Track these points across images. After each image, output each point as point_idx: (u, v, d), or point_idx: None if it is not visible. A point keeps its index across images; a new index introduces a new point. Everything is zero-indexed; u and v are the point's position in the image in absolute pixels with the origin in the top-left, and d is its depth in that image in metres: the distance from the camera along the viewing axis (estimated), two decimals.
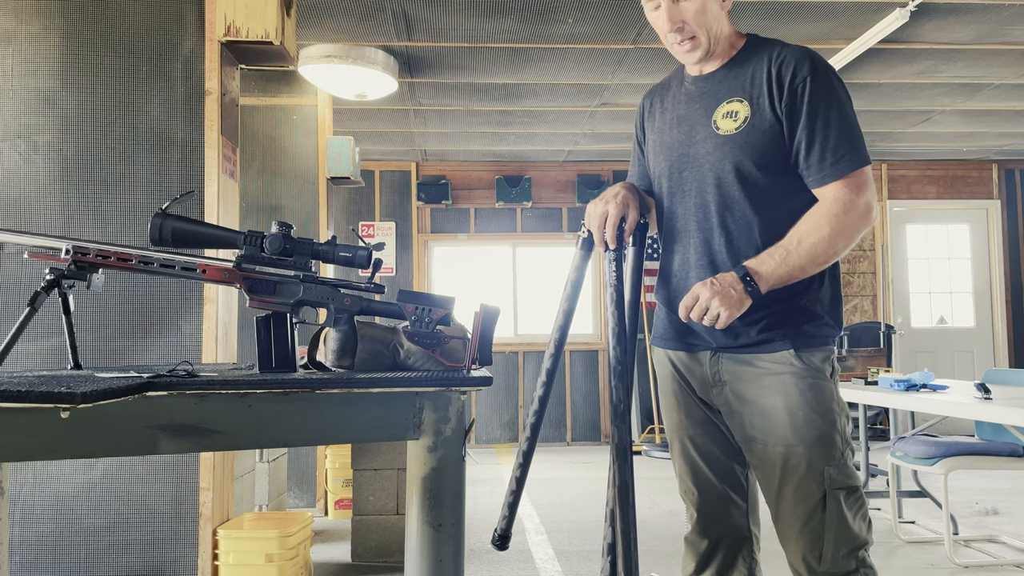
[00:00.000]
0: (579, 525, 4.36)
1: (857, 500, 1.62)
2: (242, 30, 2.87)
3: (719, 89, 1.72)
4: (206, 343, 2.84)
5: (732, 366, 1.70)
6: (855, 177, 1.61)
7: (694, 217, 1.72)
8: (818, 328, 1.66)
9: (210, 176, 2.88)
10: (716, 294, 1.55)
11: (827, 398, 1.63)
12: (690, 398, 1.80)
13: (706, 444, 1.78)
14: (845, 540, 1.60)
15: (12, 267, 2.81)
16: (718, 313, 1.55)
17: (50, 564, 2.75)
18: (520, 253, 7.85)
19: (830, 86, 1.63)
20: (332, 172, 4.86)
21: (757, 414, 1.66)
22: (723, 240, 1.68)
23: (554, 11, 4.10)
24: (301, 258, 1.56)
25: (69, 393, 1.14)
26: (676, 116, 1.78)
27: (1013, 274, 7.82)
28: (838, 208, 1.59)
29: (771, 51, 1.68)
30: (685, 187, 1.74)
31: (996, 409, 2.95)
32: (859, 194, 1.60)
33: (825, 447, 1.60)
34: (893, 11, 4.06)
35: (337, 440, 1.54)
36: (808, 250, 1.58)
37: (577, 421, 7.56)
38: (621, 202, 1.67)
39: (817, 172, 1.62)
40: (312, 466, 4.82)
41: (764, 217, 1.65)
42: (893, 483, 4.09)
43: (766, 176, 1.65)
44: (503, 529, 1.65)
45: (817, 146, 1.61)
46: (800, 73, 1.62)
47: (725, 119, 1.68)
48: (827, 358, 1.67)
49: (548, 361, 1.68)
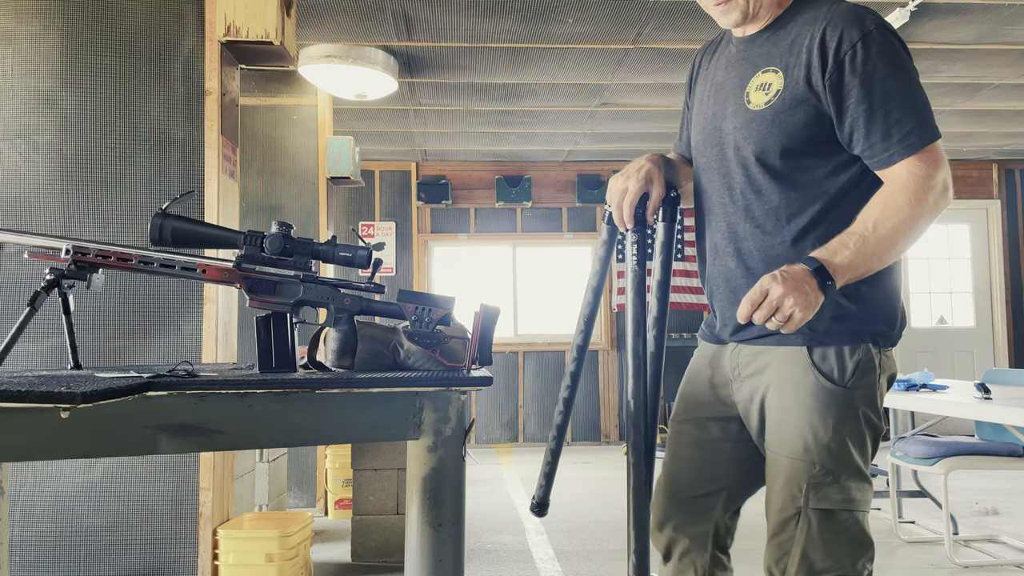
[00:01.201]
0: (579, 525, 4.36)
1: (843, 525, 1.44)
2: (242, 30, 2.87)
3: (758, 56, 1.53)
4: (206, 343, 2.84)
5: (749, 359, 1.54)
6: (929, 152, 1.40)
7: (719, 200, 1.57)
8: (844, 322, 1.45)
9: (210, 176, 2.88)
10: (791, 291, 1.33)
11: (832, 409, 1.44)
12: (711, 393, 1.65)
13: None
14: (812, 564, 1.43)
15: (12, 267, 2.81)
16: (791, 313, 1.33)
17: (50, 564, 2.75)
18: (520, 253, 7.85)
19: (888, 50, 1.41)
20: (332, 172, 4.86)
21: (755, 412, 1.54)
22: (748, 226, 1.52)
23: (554, 11, 4.10)
24: (301, 258, 1.56)
25: (69, 393, 1.14)
26: (715, 83, 1.62)
27: (1013, 274, 7.82)
28: (916, 186, 1.38)
29: (817, 12, 1.46)
30: (713, 165, 1.58)
31: (996, 409, 2.95)
32: (937, 169, 1.39)
33: (807, 462, 1.43)
34: (893, 11, 4.06)
35: (337, 440, 1.55)
36: (887, 236, 1.37)
37: (577, 421, 7.56)
38: (643, 177, 1.53)
39: (883, 151, 1.40)
40: (312, 466, 4.82)
41: (794, 203, 1.48)
42: (893, 483, 4.09)
43: (796, 159, 1.47)
44: (540, 497, 1.67)
45: (879, 121, 1.39)
46: (848, 39, 1.40)
47: (758, 92, 1.50)
48: (851, 360, 1.45)
49: (572, 364, 1.63)
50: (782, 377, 1.49)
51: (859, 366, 1.46)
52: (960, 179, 7.84)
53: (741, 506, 1.68)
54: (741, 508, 1.68)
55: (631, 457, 1.52)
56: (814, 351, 1.46)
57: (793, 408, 1.46)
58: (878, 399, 1.50)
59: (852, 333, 1.46)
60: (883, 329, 1.49)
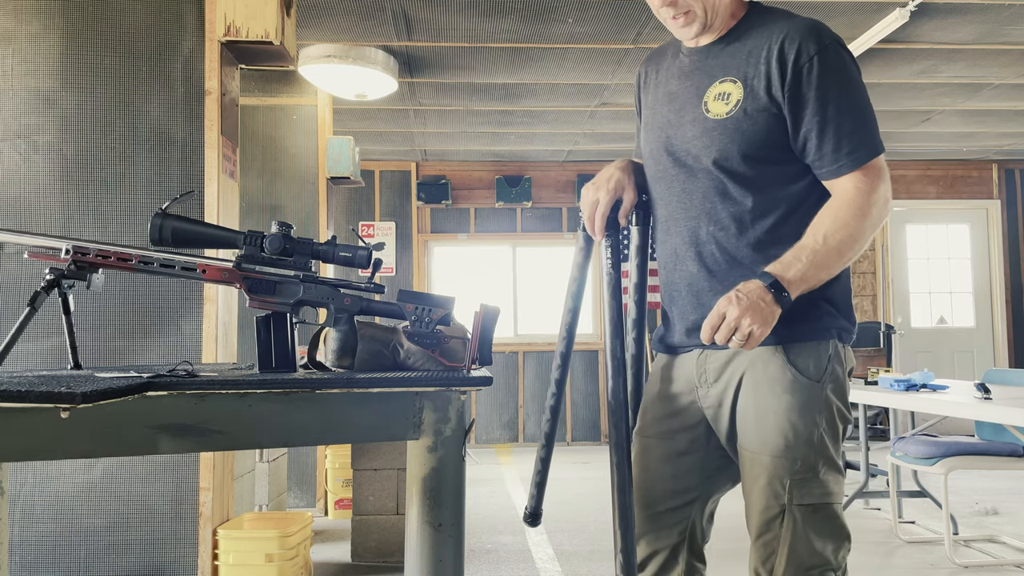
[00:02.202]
0: (579, 525, 4.36)
1: (826, 519, 1.47)
2: (242, 30, 2.87)
3: (714, 66, 1.56)
4: (206, 343, 2.84)
5: (719, 365, 1.56)
6: (873, 166, 1.47)
7: (680, 205, 1.58)
8: (814, 322, 1.50)
9: (210, 176, 2.88)
10: (746, 311, 1.38)
11: (809, 404, 1.47)
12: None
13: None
14: (801, 560, 1.46)
15: (12, 267, 2.81)
16: (750, 332, 1.39)
17: (50, 564, 2.75)
18: (520, 253, 7.85)
19: (841, 66, 1.47)
20: (332, 172, 4.86)
21: (724, 416, 1.55)
22: (713, 229, 1.54)
23: (554, 11, 4.10)
24: (301, 258, 1.55)
25: (69, 393, 1.14)
26: (668, 92, 1.63)
27: (1013, 274, 7.82)
28: (861, 200, 1.45)
29: (773, 25, 1.51)
30: (671, 172, 1.59)
31: (996, 409, 2.95)
32: (879, 183, 1.47)
33: (789, 459, 1.46)
34: (893, 11, 4.06)
35: (337, 440, 1.54)
36: (836, 248, 1.44)
37: (577, 421, 7.56)
38: (613, 188, 1.58)
39: (832, 163, 1.47)
40: (312, 466, 4.82)
41: (756, 209, 1.51)
42: (893, 483, 4.09)
43: (758, 165, 1.51)
44: (533, 507, 1.67)
45: (831, 134, 1.46)
46: (806, 52, 1.45)
47: (716, 101, 1.53)
48: (823, 357, 1.50)
49: (556, 372, 1.65)
50: (757, 377, 1.50)
51: (830, 360, 1.50)
52: (960, 179, 7.85)
53: (715, 508, 1.68)
54: (715, 510, 1.68)
55: (614, 457, 1.54)
56: (789, 349, 1.49)
57: (772, 406, 1.48)
58: (847, 392, 1.55)
59: (821, 330, 1.51)
60: (846, 325, 1.55)
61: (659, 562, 1.62)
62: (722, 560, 1.73)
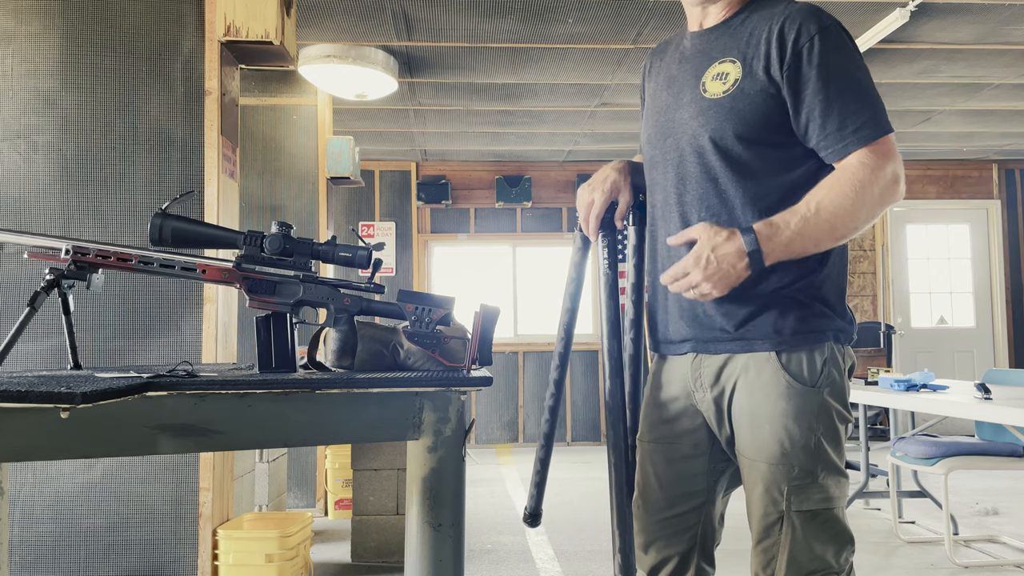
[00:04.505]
0: (579, 525, 4.36)
1: (826, 524, 1.45)
2: (242, 30, 2.87)
3: (714, 47, 1.53)
4: (206, 343, 2.84)
5: (712, 370, 1.53)
6: (882, 144, 1.42)
7: (674, 190, 1.54)
8: (809, 323, 1.46)
9: (210, 176, 2.88)
10: (710, 277, 1.39)
11: (805, 410, 1.44)
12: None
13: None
14: (801, 565, 1.44)
15: (12, 267, 2.81)
16: (707, 292, 1.41)
17: (50, 564, 2.75)
18: (520, 253, 7.85)
19: (842, 45, 1.44)
20: (332, 172, 4.86)
21: (723, 421, 1.53)
22: (705, 215, 1.50)
23: (554, 11, 4.10)
24: (301, 258, 1.56)
25: (69, 393, 1.14)
26: (668, 77, 1.61)
27: (1013, 274, 7.82)
28: (864, 174, 1.39)
29: (774, 9, 1.49)
30: (667, 156, 1.55)
31: (996, 409, 2.95)
32: (887, 161, 1.41)
33: (787, 466, 1.44)
34: (893, 11, 4.06)
35: (337, 440, 1.54)
36: (828, 220, 1.39)
37: (577, 421, 7.56)
38: (608, 189, 1.58)
39: (837, 141, 1.42)
40: (312, 466, 4.82)
41: (749, 194, 1.47)
42: (893, 483, 4.09)
43: (753, 147, 1.46)
44: (532, 507, 1.67)
45: (835, 112, 1.41)
46: (806, 32, 1.42)
47: (714, 81, 1.49)
48: (818, 362, 1.46)
49: (555, 372, 1.64)
50: (751, 383, 1.48)
51: (826, 364, 1.47)
52: (960, 179, 7.85)
53: (725, 509, 1.67)
54: (725, 511, 1.67)
55: (611, 458, 1.54)
56: (782, 355, 1.46)
57: (767, 413, 1.46)
58: (846, 393, 1.52)
59: (817, 333, 1.47)
60: (843, 326, 1.51)
61: (669, 570, 1.61)
62: (722, 560, 1.73)
